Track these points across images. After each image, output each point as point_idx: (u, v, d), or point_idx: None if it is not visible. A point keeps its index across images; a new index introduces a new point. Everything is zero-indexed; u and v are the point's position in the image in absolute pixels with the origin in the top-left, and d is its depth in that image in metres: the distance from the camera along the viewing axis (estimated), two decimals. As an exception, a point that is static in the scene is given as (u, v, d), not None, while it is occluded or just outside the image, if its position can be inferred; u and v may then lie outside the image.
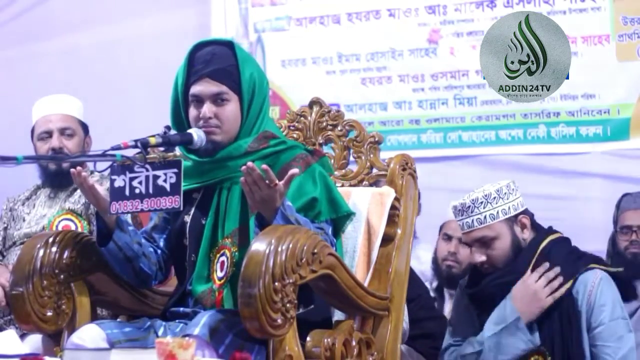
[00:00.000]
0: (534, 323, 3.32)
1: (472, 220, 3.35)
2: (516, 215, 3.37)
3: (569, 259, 3.37)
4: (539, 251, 3.35)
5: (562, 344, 3.28)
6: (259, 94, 2.93)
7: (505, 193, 3.36)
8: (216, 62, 2.90)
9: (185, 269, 2.95)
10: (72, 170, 2.86)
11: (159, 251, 3.03)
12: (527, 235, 3.38)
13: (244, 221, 2.85)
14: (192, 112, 2.92)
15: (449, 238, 4.45)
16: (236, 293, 2.73)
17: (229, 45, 2.94)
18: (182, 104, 2.95)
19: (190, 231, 2.95)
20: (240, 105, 2.91)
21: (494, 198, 3.34)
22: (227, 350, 2.61)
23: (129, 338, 2.81)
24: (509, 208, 3.36)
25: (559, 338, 3.28)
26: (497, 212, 3.35)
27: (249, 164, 2.64)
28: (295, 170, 2.69)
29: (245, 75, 2.90)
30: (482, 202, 3.34)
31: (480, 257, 3.36)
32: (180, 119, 2.96)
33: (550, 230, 3.46)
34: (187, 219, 2.96)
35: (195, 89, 2.91)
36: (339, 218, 2.90)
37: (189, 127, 2.93)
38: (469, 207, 3.35)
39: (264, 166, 2.64)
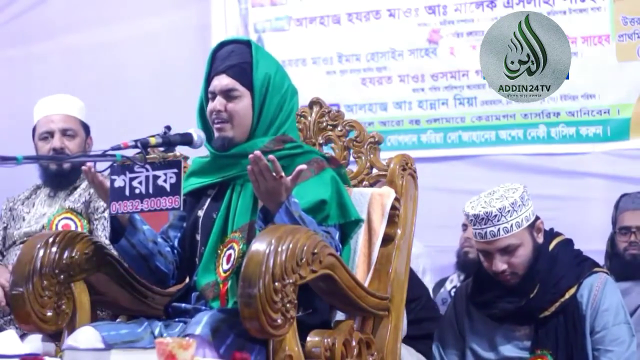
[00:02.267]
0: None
1: (498, 229, 3.29)
2: (534, 221, 3.37)
3: (574, 263, 3.37)
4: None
5: (566, 348, 3.28)
6: (274, 94, 2.94)
7: (526, 200, 3.34)
8: (231, 59, 2.94)
9: (196, 263, 2.97)
10: (84, 167, 2.87)
11: (175, 250, 3.05)
12: (541, 239, 3.37)
13: (254, 217, 2.85)
14: (208, 107, 2.96)
15: (465, 226, 4.63)
16: None
17: (247, 43, 2.98)
18: (204, 102, 2.99)
19: (202, 225, 2.97)
20: (252, 103, 2.92)
21: (519, 206, 3.30)
22: (228, 350, 2.62)
23: (126, 340, 2.81)
24: (530, 214, 3.34)
25: (562, 341, 3.28)
26: (522, 220, 3.31)
27: (257, 152, 2.66)
28: (303, 166, 2.70)
29: (258, 73, 2.92)
30: (508, 211, 3.29)
31: (503, 266, 3.32)
32: (204, 117, 3.00)
33: (554, 233, 3.46)
34: (201, 213, 2.99)
35: (211, 84, 2.96)
36: (347, 224, 2.90)
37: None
38: (495, 215, 3.28)
39: (271, 157, 2.67)
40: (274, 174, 2.65)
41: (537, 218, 3.38)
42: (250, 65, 2.93)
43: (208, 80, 2.97)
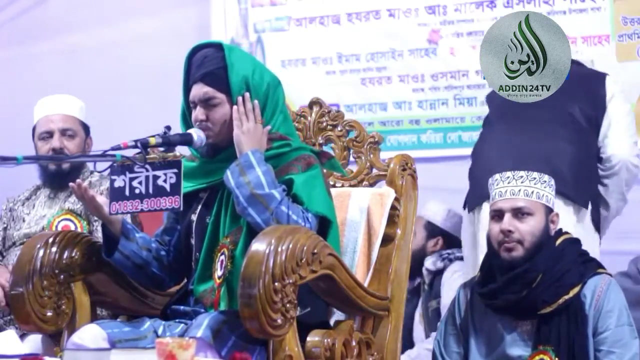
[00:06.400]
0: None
1: (519, 190, 3.35)
2: (552, 210, 3.41)
3: (580, 261, 3.39)
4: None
5: (568, 346, 3.29)
6: (255, 94, 2.91)
7: (553, 188, 3.40)
8: (206, 66, 2.91)
9: (192, 267, 2.97)
10: (72, 184, 2.89)
11: (171, 254, 3.05)
12: (552, 232, 3.41)
13: (243, 222, 2.85)
14: (192, 116, 2.95)
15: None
16: (232, 292, 2.76)
17: (220, 47, 2.95)
18: (186, 109, 2.98)
19: (195, 230, 2.97)
20: (231, 108, 2.91)
21: (545, 183, 3.37)
22: (229, 352, 2.62)
23: (129, 338, 2.81)
24: (551, 199, 3.40)
25: (565, 340, 3.29)
26: (543, 195, 3.36)
27: (246, 94, 2.86)
28: None
29: (234, 77, 2.90)
30: (534, 178, 3.36)
31: (511, 226, 3.35)
32: (187, 124, 2.98)
33: (562, 232, 3.48)
34: (194, 217, 2.98)
35: (191, 93, 2.94)
36: (327, 225, 2.86)
37: None
38: (522, 176, 3.36)
39: (255, 102, 2.87)
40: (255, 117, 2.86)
41: (555, 212, 3.42)
42: (225, 69, 2.90)
43: (187, 87, 2.95)
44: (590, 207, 3.88)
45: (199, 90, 2.91)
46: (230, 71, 2.90)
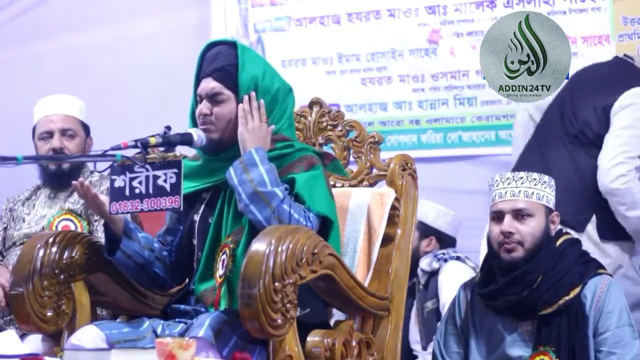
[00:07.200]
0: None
1: (519, 191, 3.35)
2: (552, 210, 3.41)
3: (580, 262, 3.39)
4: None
5: (569, 347, 3.29)
6: (263, 95, 2.92)
7: (553, 188, 3.41)
8: (217, 62, 2.93)
9: (194, 267, 2.97)
10: (74, 182, 2.89)
11: (173, 254, 3.05)
12: (553, 232, 3.41)
13: (246, 221, 2.85)
14: (197, 110, 2.95)
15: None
16: (232, 291, 2.76)
17: (234, 45, 2.96)
18: (194, 104, 2.99)
19: (198, 230, 2.97)
20: (237, 105, 2.92)
21: (545, 183, 3.38)
22: (230, 352, 2.62)
23: (128, 338, 2.81)
24: (551, 200, 3.40)
25: (565, 340, 3.29)
26: (543, 196, 3.37)
27: (251, 93, 2.85)
28: None
29: (243, 75, 2.90)
30: (534, 179, 3.37)
31: (512, 228, 3.35)
32: (196, 121, 2.98)
33: (563, 232, 3.48)
34: (196, 218, 2.98)
35: (199, 87, 2.95)
36: (327, 225, 2.86)
37: None
38: (521, 177, 3.36)
39: (261, 101, 2.88)
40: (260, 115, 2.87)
41: (555, 212, 3.42)
42: (236, 67, 2.91)
43: (197, 82, 2.96)
44: (595, 219, 3.91)
45: (207, 84, 2.92)
46: (240, 70, 2.91)
